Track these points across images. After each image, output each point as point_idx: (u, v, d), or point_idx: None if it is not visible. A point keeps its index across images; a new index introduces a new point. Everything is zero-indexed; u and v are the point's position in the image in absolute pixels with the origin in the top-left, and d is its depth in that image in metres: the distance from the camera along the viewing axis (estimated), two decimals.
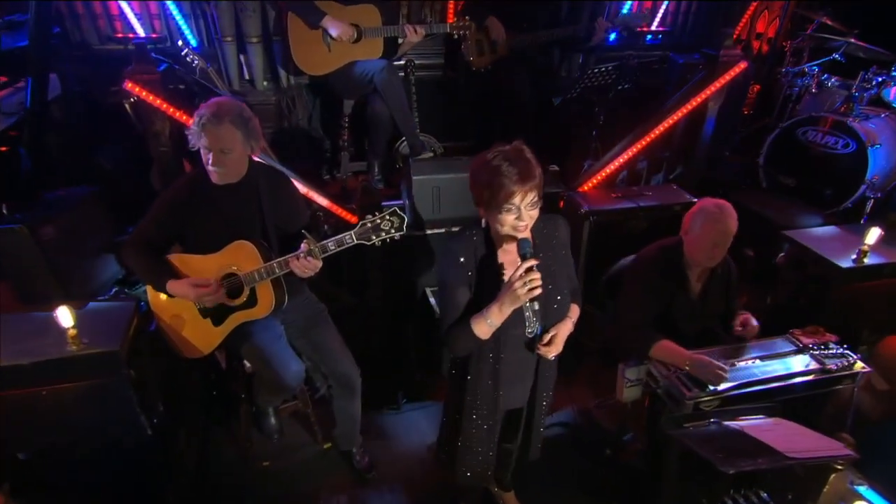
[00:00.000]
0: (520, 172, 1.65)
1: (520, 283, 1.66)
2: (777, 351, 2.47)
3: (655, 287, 2.52)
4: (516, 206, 1.68)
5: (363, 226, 2.02)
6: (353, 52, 3.47)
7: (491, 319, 1.74)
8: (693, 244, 2.48)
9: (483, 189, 1.70)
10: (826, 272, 2.89)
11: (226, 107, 2.12)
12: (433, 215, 3.32)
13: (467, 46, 3.91)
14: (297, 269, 2.13)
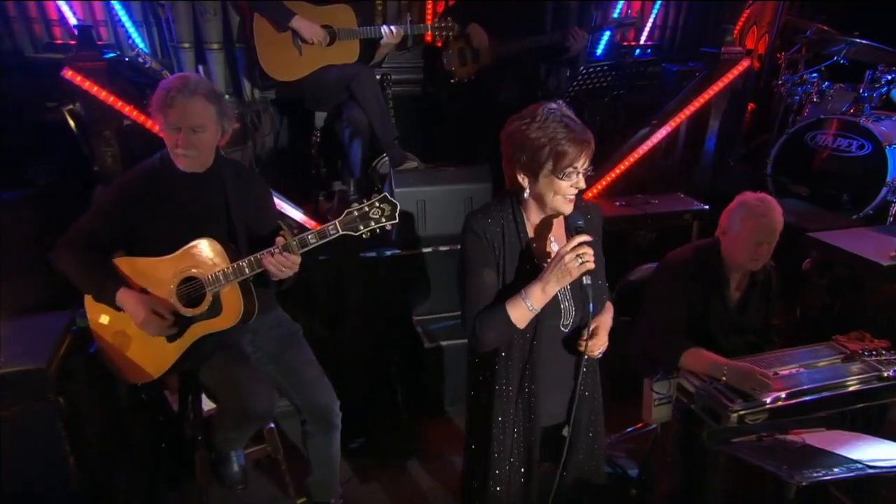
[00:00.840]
0: (582, 131, 1.62)
1: (571, 255, 1.58)
2: (823, 359, 2.38)
3: (687, 291, 2.42)
4: (577, 170, 1.64)
5: (349, 214, 1.91)
6: (327, 56, 3.42)
7: (531, 302, 1.64)
8: (733, 244, 2.39)
9: (535, 153, 1.63)
10: (861, 273, 2.84)
11: (196, 79, 2.03)
12: (419, 232, 3.25)
13: (448, 56, 3.91)
14: (273, 267, 1.96)
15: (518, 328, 1.69)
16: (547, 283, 1.64)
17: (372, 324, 3.20)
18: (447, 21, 3.62)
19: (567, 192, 1.66)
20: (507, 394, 1.81)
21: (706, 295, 2.43)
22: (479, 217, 1.73)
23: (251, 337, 2.31)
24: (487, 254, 1.70)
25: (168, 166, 2.09)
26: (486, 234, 1.70)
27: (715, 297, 2.43)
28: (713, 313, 2.44)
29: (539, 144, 1.62)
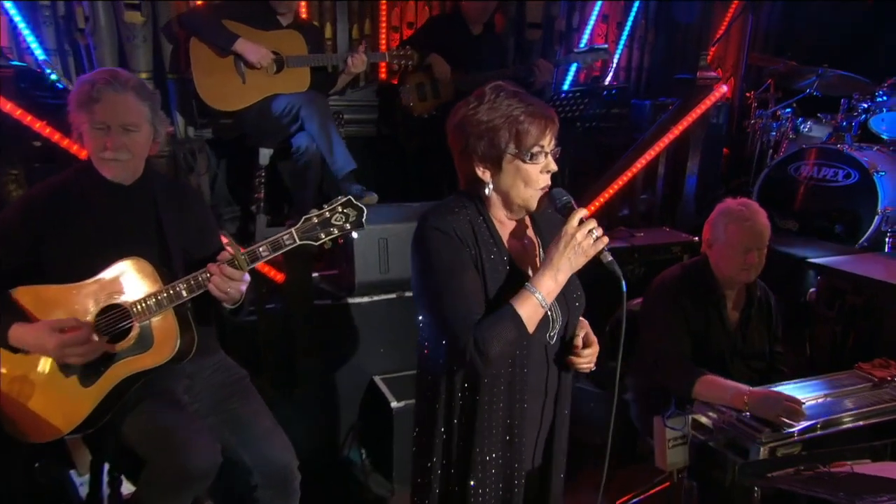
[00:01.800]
0: (541, 105, 1.57)
1: (583, 231, 1.49)
2: (849, 387, 2.36)
3: (684, 310, 2.42)
4: (545, 150, 1.57)
5: (307, 221, 1.79)
6: (274, 85, 3.40)
7: (543, 294, 1.53)
8: (721, 255, 2.43)
9: (493, 137, 1.54)
10: (877, 297, 2.90)
11: (126, 73, 1.94)
12: (380, 275, 3.13)
13: (405, 91, 3.96)
14: (216, 288, 1.81)
15: (529, 333, 1.54)
16: (558, 269, 1.53)
17: (328, 382, 3.03)
18: (406, 50, 3.67)
19: (538, 180, 1.57)
20: (490, 433, 1.63)
21: (704, 315, 2.43)
22: (439, 214, 1.59)
23: (188, 383, 2.08)
24: (462, 252, 1.55)
25: (86, 177, 1.95)
26: (456, 232, 1.55)
27: (713, 317, 2.44)
28: (713, 335, 2.44)
29: (495, 126, 1.54)
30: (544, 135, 1.55)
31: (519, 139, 1.54)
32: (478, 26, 4.09)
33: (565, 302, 1.68)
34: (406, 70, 3.88)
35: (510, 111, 1.54)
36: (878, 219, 3.69)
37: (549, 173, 1.59)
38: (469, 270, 1.55)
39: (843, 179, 3.85)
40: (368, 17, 4.28)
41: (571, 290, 1.69)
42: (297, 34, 3.47)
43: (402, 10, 4.37)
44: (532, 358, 1.64)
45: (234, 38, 3.25)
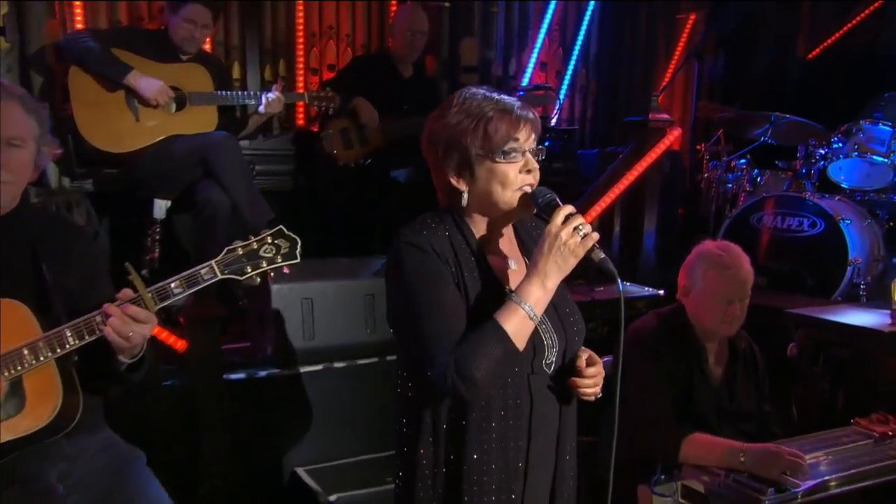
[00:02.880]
0: (514, 101, 1.61)
1: (567, 229, 1.50)
2: (849, 444, 2.42)
3: (666, 364, 2.42)
4: (520, 147, 1.58)
5: (231, 252, 1.76)
6: (174, 125, 3.34)
7: (531, 305, 1.52)
8: (699, 305, 2.46)
9: (462, 140, 1.58)
10: (864, 348, 2.98)
11: (9, 83, 1.90)
12: (304, 343, 3.08)
13: (328, 137, 3.98)
14: (114, 332, 1.68)
15: (518, 350, 1.53)
16: (546, 274, 1.52)
17: (240, 475, 2.89)
18: (327, 92, 3.70)
19: (517, 180, 1.58)
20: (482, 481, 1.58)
21: (686, 370, 2.45)
22: (414, 230, 1.62)
23: (65, 468, 1.88)
24: (440, 267, 1.57)
25: None
26: (433, 247, 1.58)
27: (696, 373, 2.46)
28: (698, 393, 2.45)
29: (463, 129, 1.58)
30: (517, 130, 1.57)
31: (488, 137, 1.56)
32: (408, 68, 4.19)
33: (562, 326, 1.66)
34: (327, 114, 3.90)
35: (479, 110, 1.58)
36: (850, 270, 3.87)
37: (530, 173, 1.60)
38: (449, 287, 1.56)
39: (809, 229, 4.05)
40: (283, 58, 4.33)
41: (567, 312, 1.70)
42: (201, 68, 3.47)
43: (322, 51, 4.47)
44: (526, 389, 1.61)
45: (126, 70, 3.19)
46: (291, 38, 4.36)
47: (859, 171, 4.34)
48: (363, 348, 3.13)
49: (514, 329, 1.51)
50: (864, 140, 4.24)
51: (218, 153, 3.24)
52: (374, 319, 3.17)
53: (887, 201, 4.35)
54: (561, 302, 1.68)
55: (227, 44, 4.20)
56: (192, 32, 3.38)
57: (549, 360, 1.64)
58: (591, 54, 5.40)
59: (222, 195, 3.25)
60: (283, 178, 4.23)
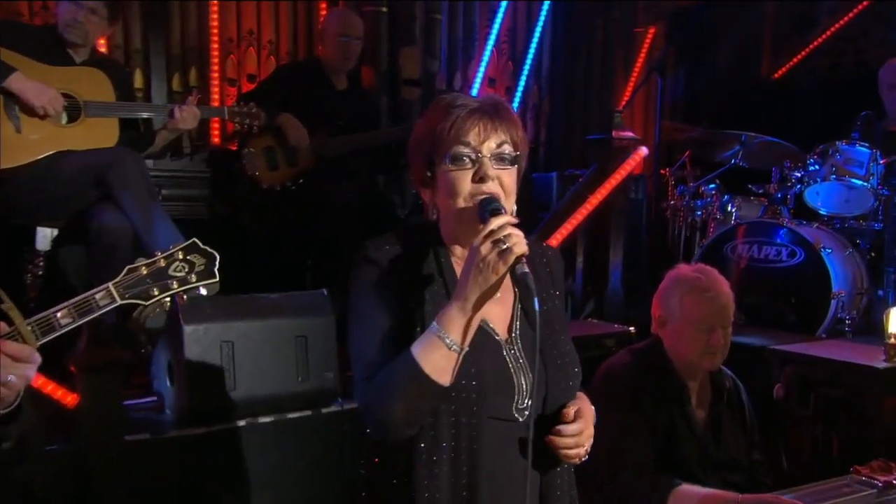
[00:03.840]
0: (482, 102, 1.62)
1: (486, 243, 1.47)
2: (851, 495, 2.41)
3: (644, 407, 2.43)
4: (472, 148, 1.57)
5: (132, 272, 1.70)
6: (65, 139, 3.22)
7: (449, 333, 1.50)
8: (678, 336, 2.48)
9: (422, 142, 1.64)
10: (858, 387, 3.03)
11: None
12: (224, 395, 2.95)
13: (250, 157, 3.92)
14: None
15: (437, 383, 1.50)
16: (465, 297, 1.49)
17: None
18: (250, 107, 3.60)
19: (465, 190, 1.57)
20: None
21: (667, 414, 2.45)
22: (379, 243, 1.68)
23: None
24: (385, 291, 1.62)
25: None
26: (391, 265, 1.63)
27: (677, 417, 2.46)
28: (680, 440, 2.45)
29: (422, 132, 1.64)
30: (469, 128, 1.56)
31: (438, 140, 1.58)
32: (341, 79, 4.16)
33: (543, 364, 1.61)
34: (249, 132, 3.80)
35: (436, 112, 1.61)
36: (835, 303, 3.93)
37: (488, 182, 1.56)
38: (391, 311, 1.60)
39: (788, 259, 4.12)
40: (195, 66, 4.24)
41: (556, 354, 1.66)
42: (100, 73, 3.36)
43: (241, 59, 4.40)
44: (486, 436, 1.57)
45: (7, 72, 3.04)
46: (204, 44, 4.29)
47: (837, 195, 4.44)
48: (294, 400, 3.02)
49: (433, 363, 1.49)
50: (841, 162, 4.36)
51: (118, 171, 3.12)
52: (306, 365, 3.05)
53: (868, 229, 4.44)
54: (550, 342, 1.66)
55: (126, 48, 4.10)
56: (75, 14, 3.26)
57: (520, 405, 1.61)
58: (543, 70, 5.47)
59: (123, 221, 3.14)
60: (195, 204, 4.16)
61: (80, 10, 3.25)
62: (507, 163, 1.58)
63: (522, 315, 1.67)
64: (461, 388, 1.54)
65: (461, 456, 1.57)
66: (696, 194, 4.96)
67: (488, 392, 1.57)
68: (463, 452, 1.57)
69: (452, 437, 1.57)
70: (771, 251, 4.18)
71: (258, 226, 4.00)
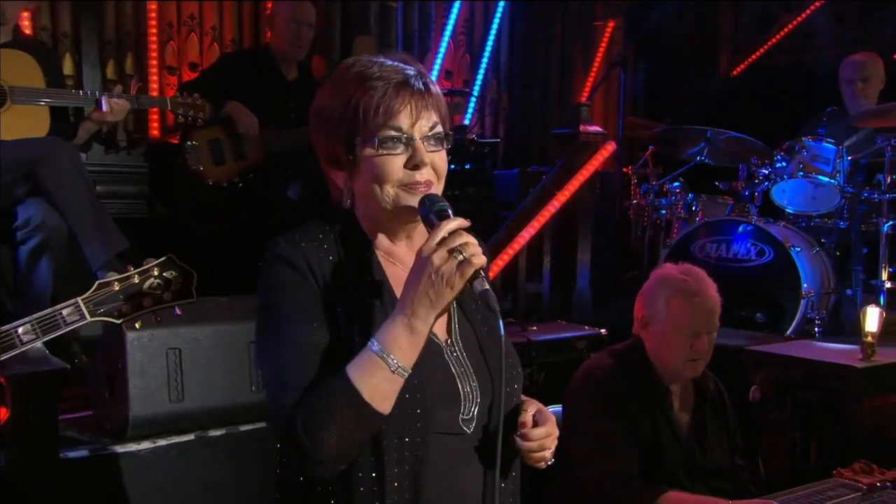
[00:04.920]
0: (405, 73, 1.49)
1: (441, 252, 1.35)
2: (836, 499, 2.43)
3: (628, 411, 2.42)
4: (404, 132, 1.46)
5: (103, 287, 1.70)
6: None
7: (394, 354, 1.38)
8: (662, 339, 2.48)
9: (339, 119, 1.49)
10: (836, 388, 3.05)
11: None
12: (170, 406, 2.87)
13: (193, 151, 3.81)
14: None
15: (378, 411, 1.38)
16: (414, 312, 1.37)
17: None
18: (195, 98, 3.48)
19: (398, 175, 1.47)
20: None
21: (650, 418, 2.45)
22: (292, 239, 1.52)
23: None
24: (309, 292, 1.48)
25: None
26: (310, 265, 1.48)
27: (661, 422, 2.46)
28: (665, 446, 2.45)
29: (335, 108, 1.49)
30: (398, 112, 1.45)
31: (361, 120, 1.45)
32: (291, 68, 4.08)
33: (487, 370, 1.54)
34: (193, 125, 3.68)
35: (353, 85, 1.47)
36: (804, 303, 3.99)
37: (418, 168, 1.46)
38: (314, 320, 1.47)
39: (757, 257, 4.17)
40: (132, 52, 4.12)
41: (495, 350, 1.54)
42: (27, 56, 3.23)
43: (181, 46, 4.29)
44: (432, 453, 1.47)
45: None
46: (142, 29, 4.16)
47: (804, 193, 4.50)
48: (246, 411, 2.93)
49: (373, 388, 1.37)
50: (808, 158, 4.42)
51: (51, 164, 3.01)
52: (259, 373, 2.95)
53: (834, 227, 4.53)
54: (489, 338, 1.58)
55: (54, 31, 3.94)
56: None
57: (466, 415, 1.52)
58: (501, 64, 5.46)
59: (56, 218, 3.03)
60: (133, 201, 4.07)
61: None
62: (439, 143, 1.50)
63: (460, 313, 1.58)
64: (405, 402, 1.42)
65: (406, 479, 1.46)
66: (660, 193, 4.99)
67: (435, 406, 1.47)
68: (407, 476, 1.46)
69: (396, 461, 1.46)
70: (740, 250, 4.22)
71: (203, 225, 3.90)
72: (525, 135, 5.39)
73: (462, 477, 1.53)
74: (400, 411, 1.41)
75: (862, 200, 4.42)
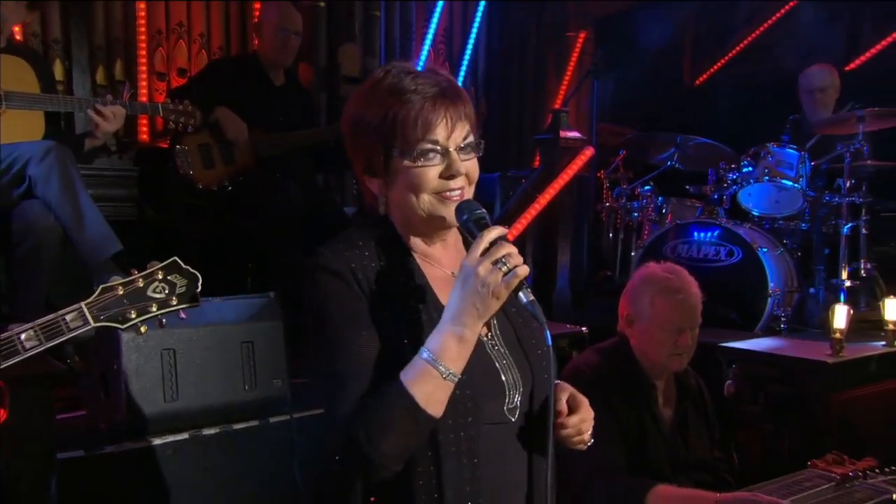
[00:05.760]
0: (439, 85, 1.48)
1: (486, 264, 1.34)
2: (811, 489, 2.47)
3: (615, 408, 2.41)
4: (441, 144, 1.45)
5: (107, 291, 1.60)
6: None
7: (445, 362, 1.38)
8: (647, 336, 2.48)
9: (376, 130, 1.48)
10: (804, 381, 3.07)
11: None
12: (164, 406, 2.76)
13: (183, 155, 3.73)
14: None
15: (432, 417, 1.40)
16: (463, 322, 1.37)
17: None
18: (186, 105, 3.40)
19: (434, 184, 1.46)
20: None
21: (636, 413, 2.45)
22: (336, 249, 1.52)
23: None
24: (356, 303, 1.48)
25: None
26: (354, 273, 1.48)
27: (647, 417, 2.46)
28: (651, 441, 2.45)
29: (374, 123, 1.48)
30: (436, 126, 1.44)
31: (398, 131, 1.45)
32: (279, 75, 4.00)
33: (526, 360, 1.54)
34: (183, 131, 3.60)
35: (391, 97, 1.46)
36: (771, 301, 4.02)
37: (453, 178, 1.45)
38: (363, 328, 1.47)
39: (727, 258, 4.18)
40: (121, 58, 4.01)
41: (534, 344, 1.56)
42: (22, 63, 3.13)
43: (170, 53, 4.18)
44: (486, 446, 1.48)
45: None
46: (131, 36, 4.06)
47: (769, 196, 4.55)
48: (240, 409, 2.85)
49: (426, 395, 1.38)
50: (773, 163, 4.46)
51: (47, 165, 2.94)
52: (252, 372, 2.89)
53: (796, 229, 4.56)
54: (523, 327, 1.58)
55: (44, 37, 3.82)
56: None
57: (511, 404, 1.52)
58: (479, 71, 5.43)
59: (50, 220, 2.95)
60: (123, 205, 3.96)
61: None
62: (471, 151, 1.49)
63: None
64: (456, 399, 1.43)
65: (462, 471, 1.47)
66: (631, 196, 5.00)
67: (483, 398, 1.48)
68: (465, 468, 1.47)
69: (452, 454, 1.46)
70: (710, 251, 4.24)
71: (192, 228, 3.80)
72: (503, 139, 5.34)
73: (509, 464, 1.54)
74: (453, 407, 1.41)
75: (823, 203, 4.48)
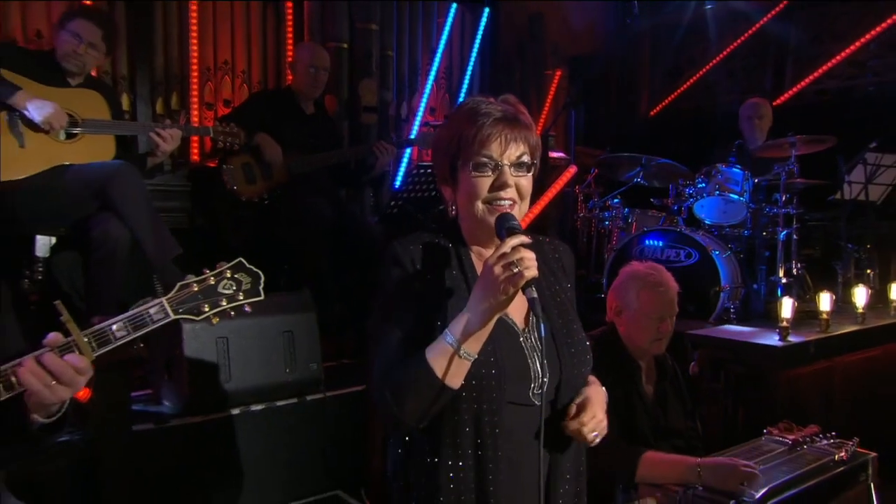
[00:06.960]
0: (505, 111, 1.50)
1: (499, 263, 1.34)
2: (769, 453, 2.42)
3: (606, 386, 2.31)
4: (494, 159, 1.47)
5: (184, 288, 1.54)
6: (65, 153, 2.91)
7: (457, 340, 1.39)
8: (633, 324, 2.45)
9: (448, 145, 1.52)
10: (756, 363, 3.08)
11: None
12: (221, 386, 2.74)
13: (230, 173, 3.66)
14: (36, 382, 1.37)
15: (448, 386, 1.40)
16: (473, 308, 1.38)
17: None
18: (232, 127, 3.37)
19: (485, 194, 1.47)
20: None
21: (623, 392, 2.41)
22: (406, 242, 1.56)
23: None
24: (409, 292, 1.51)
25: None
26: (415, 263, 1.53)
27: (633, 393, 2.44)
28: (637, 413, 2.42)
29: (451, 134, 1.51)
30: (491, 142, 1.45)
31: (463, 147, 1.48)
32: (310, 105, 3.96)
33: (556, 353, 1.51)
34: (231, 151, 3.57)
35: (462, 118, 1.50)
36: (723, 295, 4.02)
37: (502, 189, 1.46)
38: (412, 314, 1.48)
39: (686, 259, 4.19)
40: (176, 91, 3.95)
41: (569, 342, 1.55)
42: (96, 94, 3.07)
43: (217, 86, 4.12)
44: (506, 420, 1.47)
45: (13, 89, 2.72)
46: (185, 72, 4.00)
47: (718, 208, 4.56)
48: (282, 389, 2.83)
49: (444, 367, 1.39)
50: (722, 181, 4.48)
51: (118, 182, 2.85)
52: (293, 357, 2.87)
53: (741, 235, 4.59)
54: (562, 328, 1.57)
55: (114, 74, 3.77)
56: (76, 47, 2.95)
57: (537, 390, 1.50)
58: None
59: (122, 229, 2.86)
60: (177, 215, 3.88)
61: (81, 44, 2.96)
62: (524, 169, 1.50)
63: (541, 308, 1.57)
64: (481, 375, 1.42)
65: (482, 439, 1.45)
66: (602, 207, 5.00)
67: (507, 377, 1.46)
68: (488, 437, 1.45)
69: (475, 422, 1.45)
70: (672, 253, 4.24)
71: (236, 234, 3.73)
72: None
73: (529, 443, 1.51)
74: (477, 381, 1.41)
75: (763, 214, 4.51)
